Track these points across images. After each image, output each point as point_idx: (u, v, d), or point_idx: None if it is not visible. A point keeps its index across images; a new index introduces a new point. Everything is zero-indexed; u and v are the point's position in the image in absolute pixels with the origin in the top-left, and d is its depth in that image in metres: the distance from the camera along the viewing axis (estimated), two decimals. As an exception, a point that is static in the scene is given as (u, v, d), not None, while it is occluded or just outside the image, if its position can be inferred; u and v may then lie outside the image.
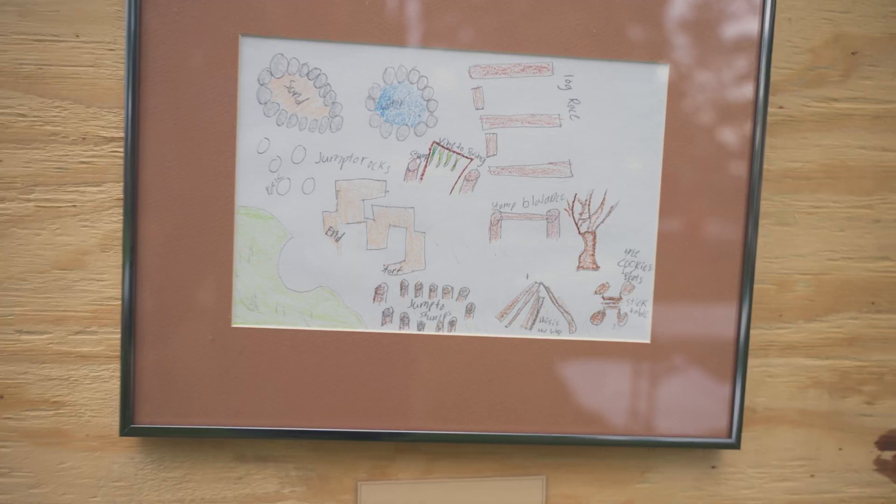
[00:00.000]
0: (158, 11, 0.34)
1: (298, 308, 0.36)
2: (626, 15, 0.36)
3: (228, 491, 0.39)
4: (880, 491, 0.43)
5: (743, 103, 0.38)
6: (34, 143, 0.37)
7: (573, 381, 0.38)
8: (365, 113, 0.36)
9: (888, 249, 0.42)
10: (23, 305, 0.37)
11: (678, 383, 0.39)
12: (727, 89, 0.38)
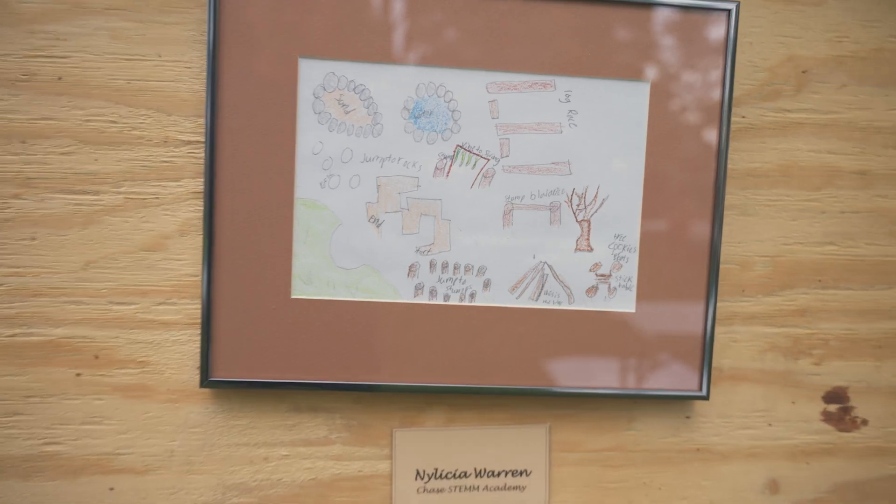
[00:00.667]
0: (233, 38, 0.41)
1: (346, 282, 0.43)
2: (615, 42, 0.44)
3: (285, 436, 0.46)
4: (826, 437, 0.50)
5: (711, 114, 0.45)
6: (123, 145, 0.44)
7: (571, 344, 0.45)
8: (401, 121, 0.43)
9: (832, 236, 0.49)
10: (114, 281, 0.44)
11: (658, 346, 0.46)
12: (698, 102, 0.45)
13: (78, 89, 0.43)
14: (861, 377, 0.50)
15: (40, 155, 0.43)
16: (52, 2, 0.42)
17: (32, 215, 0.43)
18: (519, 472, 0.46)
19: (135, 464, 0.44)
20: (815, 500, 0.50)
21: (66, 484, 0.44)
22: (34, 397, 0.43)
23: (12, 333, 0.43)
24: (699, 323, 0.46)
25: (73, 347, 0.43)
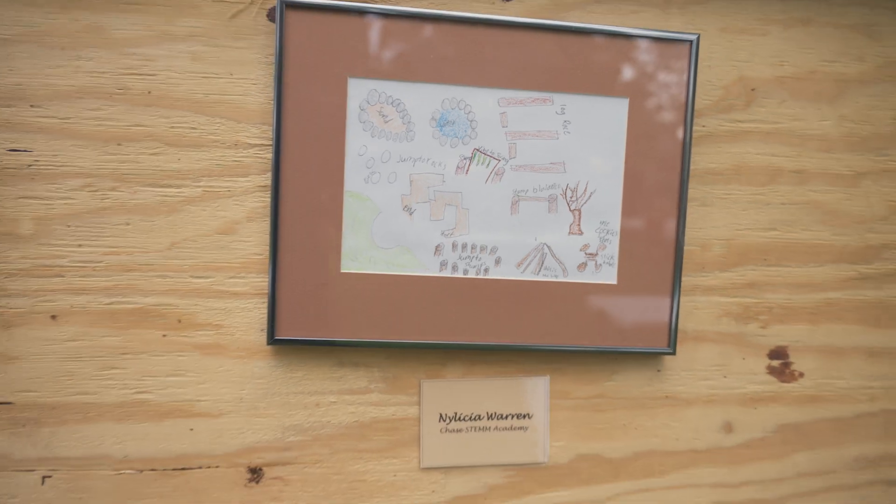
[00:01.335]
0: (294, 61, 0.50)
1: (385, 259, 0.52)
2: (600, 65, 0.53)
3: (333, 386, 0.55)
4: (770, 387, 0.61)
5: (677, 124, 0.55)
6: (202, 147, 0.52)
7: (565, 309, 0.55)
8: (429, 129, 0.52)
9: (775, 223, 0.60)
10: (194, 259, 0.53)
11: (635, 311, 0.56)
12: (667, 115, 0.55)
13: (164, 101, 0.51)
14: (798, 338, 0.61)
15: (133, 155, 0.51)
16: (143, 29, 0.51)
17: (126, 205, 0.51)
18: (523, 416, 0.56)
19: (210, 409, 0.53)
20: (762, 438, 0.61)
21: (153, 426, 0.53)
22: (127, 354, 0.52)
23: (110, 302, 0.52)
24: (668, 293, 0.56)
25: (160, 313, 0.52)
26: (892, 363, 0.62)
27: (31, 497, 0.52)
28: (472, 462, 0.56)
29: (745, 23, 0.58)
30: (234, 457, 0.54)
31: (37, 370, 0.51)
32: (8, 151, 0.50)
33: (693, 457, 0.60)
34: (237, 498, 0.54)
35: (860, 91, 0.60)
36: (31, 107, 0.50)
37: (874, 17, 0.60)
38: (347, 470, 0.55)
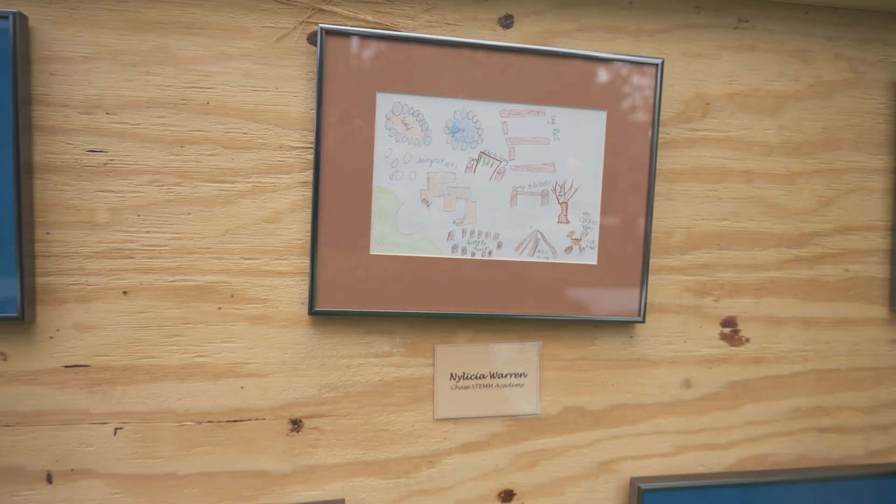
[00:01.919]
0: (331, 78, 0.59)
1: (406, 244, 0.62)
2: (583, 84, 0.64)
3: (362, 350, 0.64)
4: (722, 350, 0.72)
5: (646, 132, 0.66)
6: (252, 149, 0.61)
7: (555, 285, 0.65)
8: (444, 135, 0.62)
9: (726, 214, 0.71)
10: (245, 243, 0.61)
11: (612, 286, 0.67)
12: (638, 125, 0.66)
13: (220, 110, 0.60)
14: (745, 310, 0.72)
15: (194, 156, 0.60)
16: (203, 50, 0.59)
17: (189, 198, 0.60)
18: (519, 374, 0.67)
19: (258, 370, 0.62)
20: (715, 393, 0.72)
21: (209, 385, 0.62)
22: (188, 324, 0.61)
23: (173, 279, 0.60)
24: (638, 272, 0.67)
25: (216, 289, 0.61)
26: (821, 330, 0.74)
27: (105, 446, 0.60)
28: (477, 414, 0.66)
29: (702, 49, 0.69)
30: (278, 410, 0.63)
31: (110, 338, 0.60)
32: (87, 152, 0.58)
33: (659, 408, 0.71)
34: (281, 445, 0.63)
35: (796, 106, 0.71)
36: (107, 114, 0.58)
37: (808, 45, 0.72)
38: (373, 421, 0.65)
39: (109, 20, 0.58)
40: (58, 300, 0.58)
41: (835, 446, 0.75)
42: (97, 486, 0.60)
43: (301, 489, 0.63)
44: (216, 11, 0.59)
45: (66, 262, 0.58)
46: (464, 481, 0.67)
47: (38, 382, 0.59)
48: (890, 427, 0.77)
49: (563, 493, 0.69)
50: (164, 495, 0.61)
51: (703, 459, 0.72)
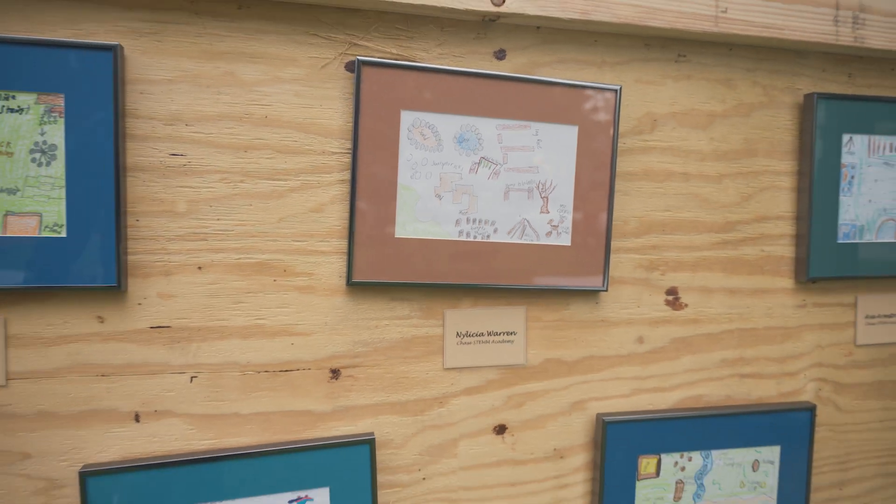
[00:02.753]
0: (366, 98, 0.74)
1: (423, 229, 0.77)
2: (560, 104, 0.80)
3: (387, 314, 0.79)
4: (667, 313, 0.90)
5: (608, 142, 0.83)
6: (300, 154, 0.75)
7: (538, 262, 0.82)
8: (452, 144, 0.77)
9: (669, 207, 0.89)
10: (294, 228, 0.76)
11: (582, 263, 0.84)
12: (602, 136, 0.83)
13: (276, 123, 0.74)
14: (684, 282, 0.90)
15: (255, 159, 0.74)
16: (262, 75, 0.73)
17: (250, 192, 0.74)
18: (510, 333, 0.83)
19: (304, 329, 0.77)
20: (662, 347, 0.90)
21: (266, 341, 0.76)
22: (250, 293, 0.75)
23: (238, 257, 0.74)
24: (602, 252, 0.84)
25: (272, 265, 0.75)
26: (742, 298, 0.93)
27: (182, 392, 0.74)
28: (477, 364, 0.82)
29: (651, 77, 0.86)
30: (320, 362, 0.78)
31: (187, 304, 0.73)
32: (170, 155, 0.72)
33: (618, 359, 0.88)
34: (322, 390, 0.78)
35: (722, 122, 0.90)
36: (186, 125, 0.72)
37: (731, 74, 0.90)
38: (396, 370, 0.80)
39: (188, 50, 0.71)
40: (145, 274, 0.72)
41: (753, 388, 0.95)
42: (176, 423, 0.74)
43: (339, 425, 0.78)
44: (273, 44, 0.73)
45: (151, 243, 0.72)
46: (466, 418, 0.83)
47: (128, 340, 0.72)
48: (796, 373, 0.96)
49: (545, 427, 0.86)
50: (229, 431, 0.75)
51: (652, 399, 0.90)
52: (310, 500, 0.76)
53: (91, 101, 0.67)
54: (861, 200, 0.96)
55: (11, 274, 0.67)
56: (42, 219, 0.67)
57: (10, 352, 0.69)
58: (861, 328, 1.00)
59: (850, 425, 1.00)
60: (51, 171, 0.67)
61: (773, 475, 0.94)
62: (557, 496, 0.87)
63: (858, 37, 0.90)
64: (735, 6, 0.83)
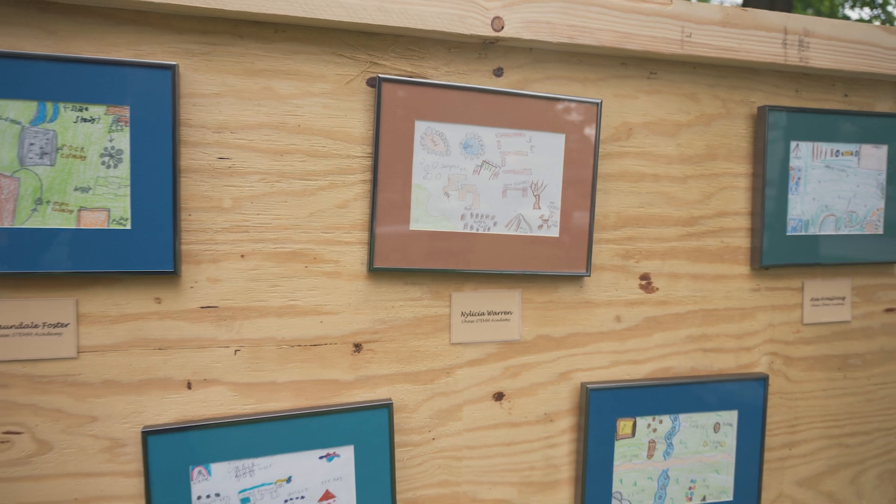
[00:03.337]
0: (385, 109, 0.86)
1: (433, 222, 0.89)
2: (550, 115, 0.93)
3: (402, 296, 0.91)
4: (641, 296, 1.04)
5: (590, 148, 0.96)
6: (328, 157, 0.87)
7: (532, 251, 0.94)
8: (459, 149, 0.89)
9: (643, 204, 1.02)
10: (324, 222, 0.87)
11: (569, 251, 0.96)
12: (585, 143, 0.96)
13: (308, 131, 0.85)
14: (655, 268, 1.04)
15: (289, 162, 0.85)
16: (295, 90, 0.85)
17: (286, 190, 0.85)
18: (507, 312, 0.95)
19: (331, 309, 0.88)
20: (636, 325, 1.04)
21: (299, 319, 0.87)
22: (285, 277, 0.86)
23: (275, 247, 0.85)
24: (586, 242, 0.97)
25: (304, 254, 0.86)
26: (705, 282, 1.07)
27: (227, 363, 0.85)
28: (479, 340, 0.95)
29: (627, 92, 1.00)
30: (345, 337, 0.89)
31: (232, 287, 0.84)
32: (217, 159, 0.83)
33: (599, 336, 1.02)
34: (347, 362, 0.89)
35: (687, 131, 1.04)
36: (231, 133, 0.83)
37: (695, 90, 1.04)
38: (409, 345, 0.92)
39: (232, 68, 0.82)
40: (196, 261, 0.83)
41: (714, 361, 1.09)
42: (222, 390, 0.85)
43: (360, 392, 0.90)
44: (304, 63, 0.85)
45: (201, 235, 0.83)
46: (469, 386, 0.95)
47: (181, 318, 0.83)
48: (751, 348, 1.11)
49: (536, 394, 0.99)
50: (268, 397, 0.86)
51: (629, 370, 1.04)
52: (337, 457, 0.88)
53: (152, 112, 0.78)
54: (806, 199, 1.11)
55: (83, 260, 0.77)
56: (110, 213, 0.78)
57: (81, 328, 0.79)
58: (807, 309, 1.15)
59: (798, 394, 1.15)
60: (118, 172, 0.78)
61: (731, 436, 1.08)
62: (547, 454, 1.00)
63: (803, 57, 1.04)
64: (698, 32, 0.97)
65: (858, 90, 1.15)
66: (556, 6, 0.90)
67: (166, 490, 0.81)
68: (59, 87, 0.75)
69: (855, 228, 1.15)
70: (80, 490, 0.80)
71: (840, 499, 1.19)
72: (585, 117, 0.95)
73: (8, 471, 0.78)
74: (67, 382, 0.79)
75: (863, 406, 1.20)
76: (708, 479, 1.07)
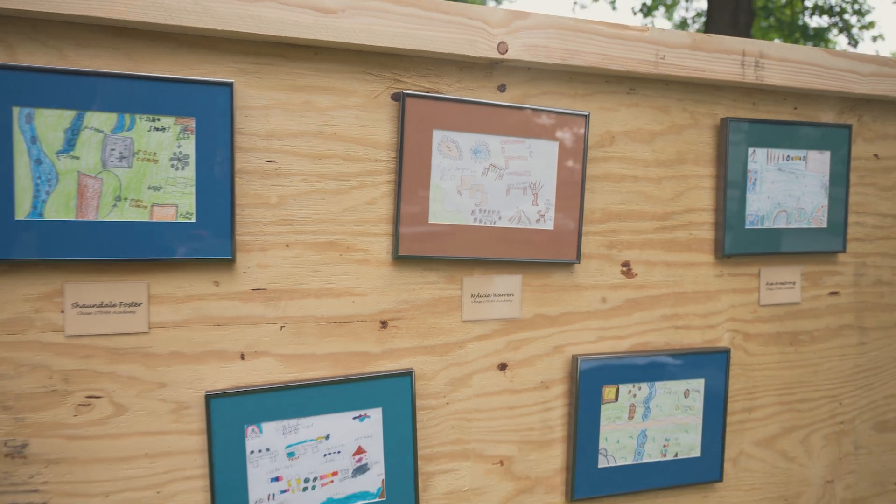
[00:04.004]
0: (408, 120, 1.00)
1: (448, 217, 1.04)
2: (546, 125, 1.08)
3: (421, 280, 1.05)
4: (622, 280, 1.20)
5: (580, 153, 1.12)
6: (359, 161, 1.01)
7: (531, 241, 1.10)
8: (469, 154, 1.04)
9: (624, 202, 1.19)
10: (355, 216, 1.01)
11: (562, 241, 1.12)
12: (575, 149, 1.11)
13: (342, 138, 0.99)
14: (635, 257, 1.20)
15: (326, 165, 0.99)
16: (332, 103, 0.98)
17: (323, 189, 0.99)
18: (509, 294, 1.11)
19: (362, 291, 1.02)
20: (619, 305, 1.20)
21: (334, 300, 1.01)
22: (322, 264, 1.00)
23: (315, 238, 0.99)
24: (576, 234, 1.13)
25: (338, 244, 1.00)
26: (676, 269, 1.24)
27: (275, 338, 0.98)
28: (486, 317, 1.10)
29: (610, 105, 1.16)
30: (373, 316, 1.03)
31: (278, 272, 0.98)
32: (266, 162, 0.96)
33: (587, 314, 1.18)
34: (375, 337, 1.04)
35: (661, 138, 1.20)
36: (277, 140, 0.96)
37: (667, 103, 1.21)
38: (427, 322, 1.07)
39: (279, 84, 0.96)
40: (248, 249, 0.96)
41: (684, 337, 1.26)
42: (271, 361, 0.98)
43: (387, 363, 1.05)
44: (339, 80, 0.99)
45: (253, 227, 0.96)
46: (478, 358, 1.10)
47: (236, 299, 0.96)
48: (716, 326, 1.28)
49: (534, 365, 1.14)
50: (308, 366, 1.00)
51: (612, 344, 1.20)
52: (367, 417, 1.02)
53: (213, 122, 0.91)
54: (762, 197, 1.29)
55: (154, 249, 0.90)
56: (178, 209, 0.91)
57: (152, 307, 0.92)
58: (763, 292, 1.33)
59: (756, 365, 1.33)
60: (184, 173, 0.91)
61: (699, 401, 1.25)
62: (544, 416, 1.15)
63: (759, 76, 1.22)
64: (670, 55, 1.14)
65: (805, 104, 1.33)
66: (552, 33, 1.06)
67: (225, 445, 0.94)
68: (136, 100, 0.88)
69: (803, 223, 1.33)
70: (150, 447, 0.93)
71: (792, 457, 1.37)
72: (575, 127, 1.11)
73: (89, 430, 0.90)
74: (140, 353, 0.92)
75: (811, 376, 1.38)
76: (679, 437, 1.24)
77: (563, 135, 1.10)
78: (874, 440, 1.45)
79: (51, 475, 0.89)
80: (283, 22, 0.92)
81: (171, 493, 0.94)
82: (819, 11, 10.57)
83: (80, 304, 0.89)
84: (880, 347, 1.44)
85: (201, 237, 0.92)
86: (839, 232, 1.36)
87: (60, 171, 0.86)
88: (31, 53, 0.86)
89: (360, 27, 0.96)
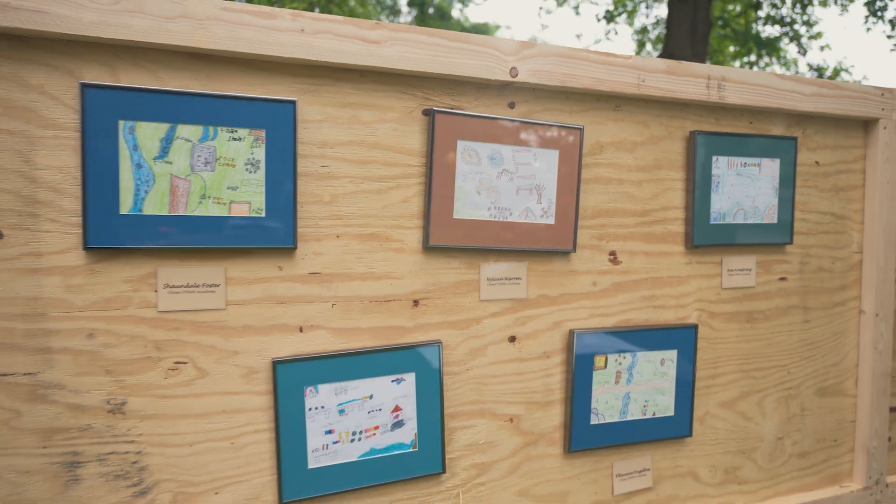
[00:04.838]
0: (437, 132, 1.20)
1: (469, 213, 1.24)
2: (547, 137, 1.29)
3: (446, 266, 1.25)
4: (609, 267, 1.42)
5: (575, 160, 1.33)
6: (396, 165, 1.20)
7: (535, 233, 1.30)
8: (486, 161, 1.24)
9: (611, 200, 1.41)
10: (392, 212, 1.20)
11: (561, 234, 1.33)
12: (572, 156, 1.33)
13: (381, 146, 1.18)
14: (620, 247, 1.42)
15: (369, 169, 1.17)
16: (373, 117, 1.17)
17: (367, 189, 1.18)
18: (518, 278, 1.31)
19: (398, 275, 1.21)
20: (607, 288, 1.42)
21: (374, 282, 1.19)
22: (366, 252, 1.18)
23: (360, 230, 1.18)
24: (572, 227, 1.34)
25: (378, 235, 1.19)
26: (654, 258, 1.46)
27: (327, 314, 1.16)
28: (499, 297, 1.30)
29: (600, 120, 1.38)
30: (407, 296, 1.22)
31: (330, 258, 1.16)
32: (320, 167, 1.14)
33: (581, 296, 1.39)
34: (408, 313, 1.23)
35: (642, 148, 1.43)
36: (329, 148, 1.15)
37: (647, 118, 1.43)
38: (450, 301, 1.26)
39: (330, 102, 1.14)
40: (305, 239, 1.14)
41: (661, 315, 1.48)
42: (324, 334, 1.16)
43: (419, 335, 1.24)
44: (380, 98, 1.18)
45: (309, 221, 1.14)
46: (492, 331, 1.31)
47: (296, 281, 1.14)
48: (686, 305, 1.51)
49: (538, 338, 1.35)
50: (355, 338, 1.19)
51: (601, 321, 1.42)
52: (403, 381, 1.21)
53: (280, 133, 1.09)
54: (723, 197, 1.53)
55: (231, 238, 1.08)
56: (251, 205, 1.08)
57: (228, 288, 1.09)
58: (725, 277, 1.57)
59: (719, 339, 1.56)
60: (257, 176, 1.08)
61: (672, 368, 1.48)
62: (546, 381, 1.36)
63: (721, 96, 1.46)
64: (649, 78, 1.36)
65: (759, 119, 1.58)
66: (554, 60, 1.27)
67: (288, 403, 1.12)
68: (218, 115, 1.06)
69: (757, 219, 1.58)
70: (226, 404, 1.10)
71: (750, 416, 1.62)
72: (572, 138, 1.32)
73: (177, 390, 1.07)
74: (218, 326, 1.09)
75: (764, 349, 1.63)
76: (656, 399, 1.47)
77: (562, 144, 1.31)
78: (816, 403, 1.70)
79: (145, 428, 1.06)
80: (336, 50, 1.11)
81: (244, 444, 1.11)
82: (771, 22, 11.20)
83: (170, 284, 1.06)
84: (822, 325, 1.70)
85: (269, 229, 1.10)
86: (787, 227, 1.61)
87: (157, 173, 1.03)
88: (130, 75, 1.03)
89: (397, 55, 1.15)
